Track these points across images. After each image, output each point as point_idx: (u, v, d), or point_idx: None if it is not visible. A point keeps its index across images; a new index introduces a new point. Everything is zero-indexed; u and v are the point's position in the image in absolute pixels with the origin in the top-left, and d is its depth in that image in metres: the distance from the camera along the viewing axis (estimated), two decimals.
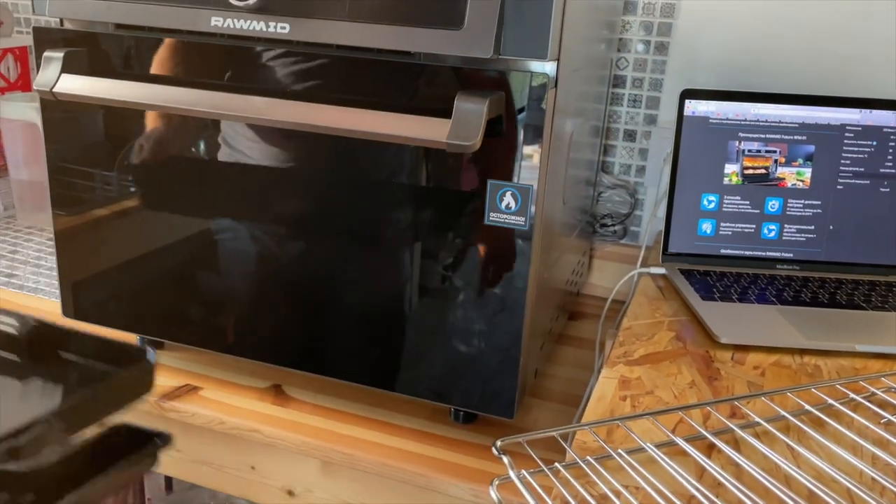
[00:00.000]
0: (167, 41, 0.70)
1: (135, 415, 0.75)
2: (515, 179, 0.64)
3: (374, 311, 0.71)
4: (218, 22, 0.66)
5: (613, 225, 1.10)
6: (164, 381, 0.80)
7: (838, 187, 0.89)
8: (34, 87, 0.71)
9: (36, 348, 0.43)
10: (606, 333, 0.87)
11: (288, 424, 0.74)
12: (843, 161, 0.88)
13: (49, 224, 1.20)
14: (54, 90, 0.70)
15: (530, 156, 0.63)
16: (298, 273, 0.73)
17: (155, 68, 0.72)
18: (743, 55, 1.00)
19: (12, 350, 0.42)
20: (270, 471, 0.77)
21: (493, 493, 0.48)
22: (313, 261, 0.72)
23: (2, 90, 1.27)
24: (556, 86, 0.63)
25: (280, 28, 0.64)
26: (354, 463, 0.71)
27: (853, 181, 0.88)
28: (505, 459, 0.49)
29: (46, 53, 0.71)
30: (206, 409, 0.76)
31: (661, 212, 0.91)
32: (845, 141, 0.88)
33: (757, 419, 0.56)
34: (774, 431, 0.55)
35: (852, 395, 0.60)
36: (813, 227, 0.89)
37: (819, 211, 0.89)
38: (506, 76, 0.62)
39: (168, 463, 0.82)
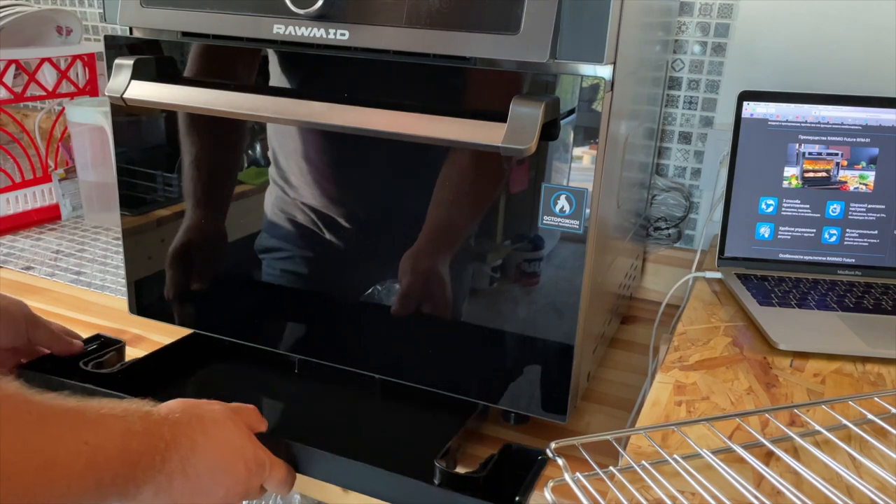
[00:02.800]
0: (231, 48, 0.72)
1: None
2: (570, 183, 0.64)
3: (428, 314, 0.72)
4: (280, 29, 0.68)
5: (667, 228, 1.09)
6: None
7: None
8: (105, 93, 0.75)
9: None
10: (660, 338, 0.86)
11: None
12: None
13: (114, 224, 1.25)
14: (124, 96, 0.73)
15: (585, 159, 0.63)
16: (354, 275, 0.74)
17: (219, 74, 0.74)
18: (803, 56, 0.98)
19: None
20: None
21: (549, 495, 0.48)
22: (368, 262, 0.73)
23: (71, 95, 1.33)
24: (611, 89, 0.63)
25: (340, 35, 0.65)
26: None
27: None
28: (560, 462, 0.49)
29: (117, 61, 0.74)
30: None
31: (717, 215, 0.90)
32: None
33: (817, 427, 0.55)
34: (835, 440, 0.54)
35: None
36: (876, 232, 0.87)
37: (883, 215, 0.87)
38: (561, 80, 0.62)
39: None
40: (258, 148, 0.76)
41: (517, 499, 0.59)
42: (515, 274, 0.68)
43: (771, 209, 0.88)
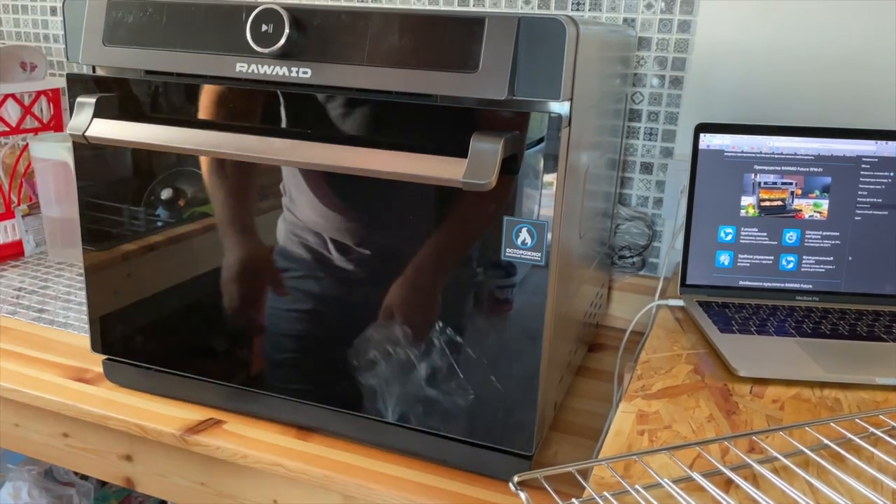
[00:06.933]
0: (194, 86, 0.73)
1: (160, 448, 0.77)
2: (531, 216, 0.65)
3: (392, 346, 0.72)
4: (243, 68, 0.68)
5: (632, 256, 1.11)
6: (187, 414, 0.82)
7: (856, 218, 0.89)
8: (67, 132, 0.74)
9: None
10: (625, 366, 0.87)
11: (310, 458, 0.75)
12: (860, 192, 0.88)
13: (78, 259, 1.24)
14: (86, 134, 0.73)
15: (545, 193, 0.64)
16: (317, 308, 0.74)
17: (182, 112, 0.74)
18: (757, 88, 1.01)
19: None
20: None
21: None
22: (331, 296, 0.73)
23: (35, 130, 1.32)
24: (569, 124, 0.64)
25: (302, 73, 0.66)
26: (375, 497, 0.71)
27: (871, 212, 0.88)
28: (522, 496, 0.49)
29: (79, 99, 0.74)
30: (229, 443, 0.77)
31: (679, 244, 0.92)
32: (862, 172, 0.88)
33: (775, 454, 0.56)
34: (793, 467, 0.55)
35: (872, 430, 0.60)
36: (832, 258, 0.89)
37: (837, 242, 0.89)
38: (520, 116, 0.63)
39: (191, 496, 0.83)
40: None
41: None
42: (478, 305, 0.68)
43: (730, 237, 0.90)
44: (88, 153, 0.81)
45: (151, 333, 0.83)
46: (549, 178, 0.64)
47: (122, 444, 0.86)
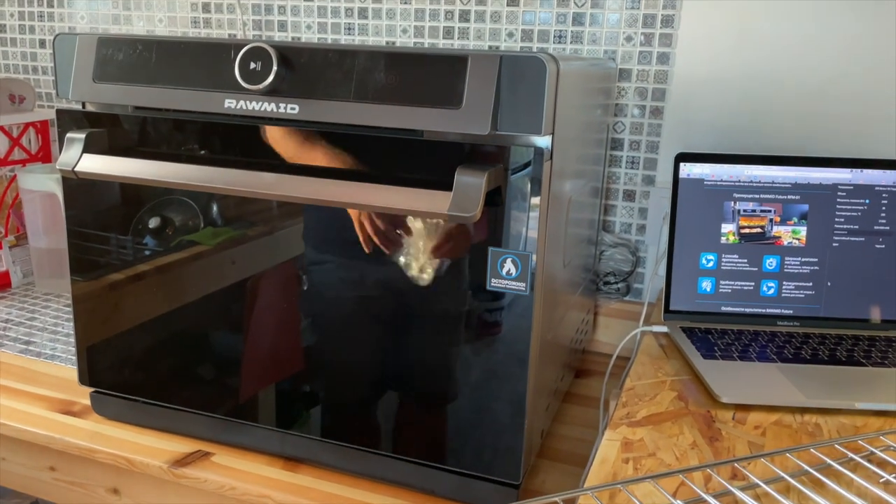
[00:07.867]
0: (183, 121, 0.74)
1: (147, 481, 0.77)
2: (515, 247, 0.66)
3: (378, 376, 0.73)
4: (231, 104, 0.70)
5: (617, 282, 1.12)
6: (175, 447, 0.82)
7: (834, 244, 0.91)
8: (57, 167, 0.75)
9: None
10: (611, 392, 0.88)
11: (298, 489, 0.75)
12: (837, 219, 0.90)
13: (66, 290, 1.24)
14: (76, 169, 0.74)
15: (529, 223, 0.66)
16: (305, 339, 0.75)
17: (172, 147, 0.75)
18: (735, 118, 1.03)
19: None
20: None
21: None
22: (318, 326, 0.74)
23: (23, 162, 1.32)
24: (551, 157, 0.66)
25: (290, 109, 0.68)
26: None
27: (848, 238, 0.90)
28: None
29: (69, 135, 0.75)
30: (217, 475, 0.77)
31: (662, 270, 0.93)
32: (838, 200, 0.90)
33: (757, 481, 0.57)
34: (774, 494, 0.56)
35: (851, 455, 0.61)
36: (811, 284, 0.91)
37: (816, 268, 0.91)
38: (503, 150, 0.65)
39: None
40: (215, 208, 0.77)
41: None
42: (464, 335, 0.69)
43: (711, 264, 0.91)
44: (77, 183, 0.81)
45: (139, 365, 0.83)
46: (533, 209, 0.65)
47: (109, 477, 0.86)
